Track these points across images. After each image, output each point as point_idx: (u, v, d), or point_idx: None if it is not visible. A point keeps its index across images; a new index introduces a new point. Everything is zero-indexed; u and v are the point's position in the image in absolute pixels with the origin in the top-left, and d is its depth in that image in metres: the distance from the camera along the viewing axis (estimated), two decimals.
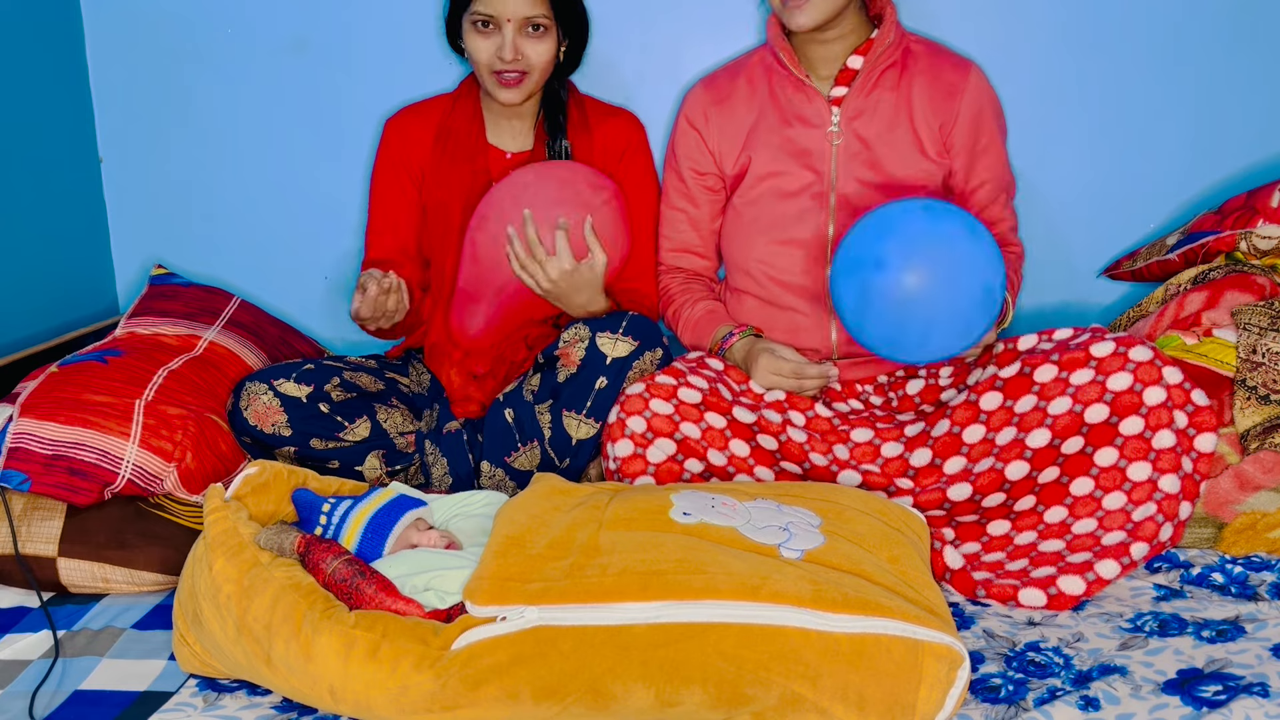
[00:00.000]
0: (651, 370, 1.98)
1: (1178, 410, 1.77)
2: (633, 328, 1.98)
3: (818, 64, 2.06)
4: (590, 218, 1.99)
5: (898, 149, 2.04)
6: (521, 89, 2.06)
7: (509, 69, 2.03)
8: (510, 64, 2.03)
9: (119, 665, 1.62)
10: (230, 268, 2.49)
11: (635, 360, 1.96)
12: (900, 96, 2.04)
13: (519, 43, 2.02)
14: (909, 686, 1.38)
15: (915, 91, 2.04)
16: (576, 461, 1.99)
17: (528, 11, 2.00)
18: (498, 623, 1.42)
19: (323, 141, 2.43)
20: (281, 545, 1.58)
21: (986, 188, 2.09)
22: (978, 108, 2.06)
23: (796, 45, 2.07)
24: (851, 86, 2.04)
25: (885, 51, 2.02)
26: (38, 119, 2.32)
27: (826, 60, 2.06)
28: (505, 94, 2.06)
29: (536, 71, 2.06)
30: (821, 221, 2.05)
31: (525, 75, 2.05)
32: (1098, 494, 1.77)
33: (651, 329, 2.00)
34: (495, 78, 2.05)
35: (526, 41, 2.03)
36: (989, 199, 2.10)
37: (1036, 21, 2.25)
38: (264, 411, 1.98)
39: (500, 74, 2.04)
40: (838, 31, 2.02)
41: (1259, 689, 1.45)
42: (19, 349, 2.20)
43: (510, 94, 2.06)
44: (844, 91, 2.05)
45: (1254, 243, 2.02)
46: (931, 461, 1.90)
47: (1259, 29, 2.22)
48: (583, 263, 1.99)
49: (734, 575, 1.44)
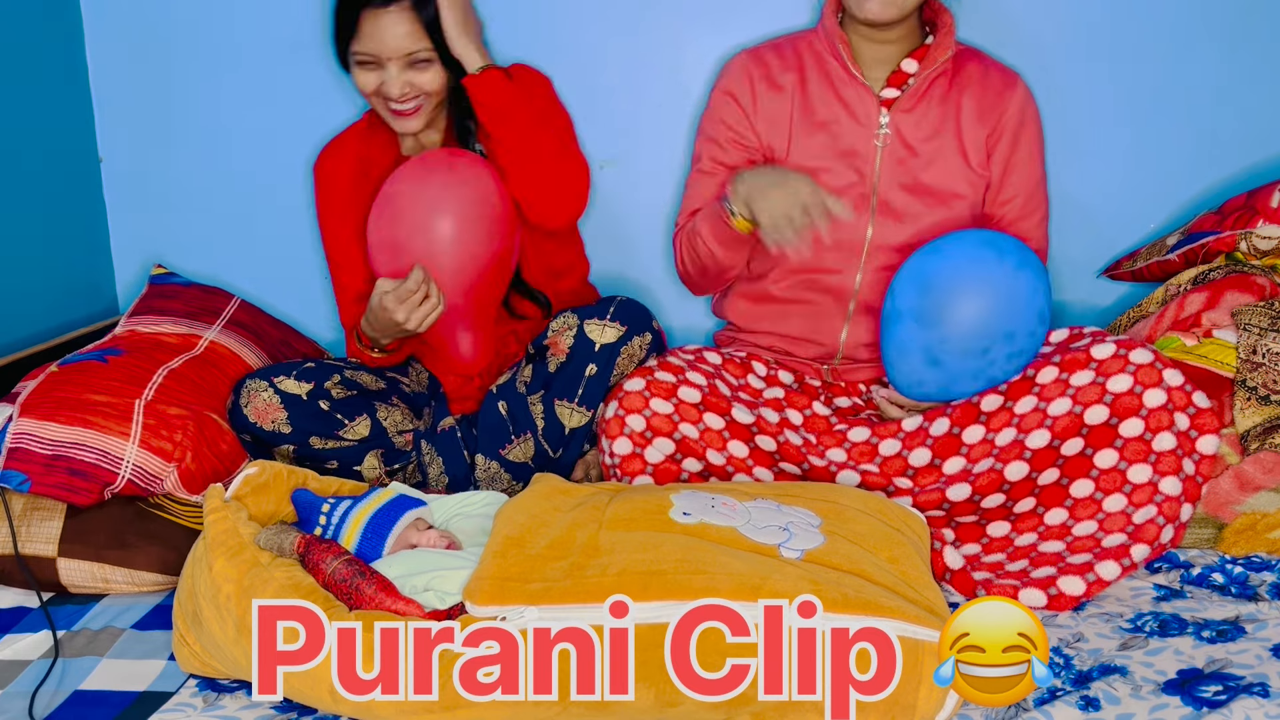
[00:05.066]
0: (641, 355, 1.97)
1: (1179, 412, 1.76)
2: (620, 313, 1.98)
3: (871, 64, 2.03)
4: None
5: (943, 157, 2.01)
6: (420, 117, 2.01)
7: (401, 103, 1.99)
8: (401, 99, 1.98)
9: (119, 665, 1.62)
10: (230, 268, 2.49)
11: (624, 345, 1.96)
12: (949, 105, 2.02)
13: (406, 76, 1.97)
14: (909, 686, 1.38)
15: (965, 101, 2.02)
16: (570, 451, 1.99)
17: (409, 47, 1.95)
18: (498, 623, 1.42)
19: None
20: (281, 545, 1.58)
21: (1018, 200, 2.05)
22: (1020, 120, 2.03)
23: (852, 41, 2.03)
24: (904, 90, 2.01)
25: (943, 59, 1.99)
26: (38, 119, 2.32)
27: (880, 61, 2.02)
28: (404, 124, 2.01)
29: (434, 97, 2.01)
30: (861, 223, 2.01)
31: (421, 105, 2.00)
32: (1098, 496, 1.77)
33: (640, 313, 2.00)
34: (388, 110, 2.01)
35: (412, 74, 1.97)
36: (1017, 214, 2.06)
37: (1036, 24, 2.25)
38: (264, 409, 1.98)
39: (390, 105, 1.99)
40: (898, 32, 1.99)
41: (1259, 689, 1.45)
42: (19, 349, 2.20)
43: (410, 123, 2.01)
44: (895, 94, 2.02)
45: (1254, 243, 2.02)
46: (931, 461, 1.90)
47: (1259, 29, 2.22)
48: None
49: (734, 575, 1.44)
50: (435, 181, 1.91)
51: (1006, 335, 1.82)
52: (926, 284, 1.85)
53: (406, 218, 1.90)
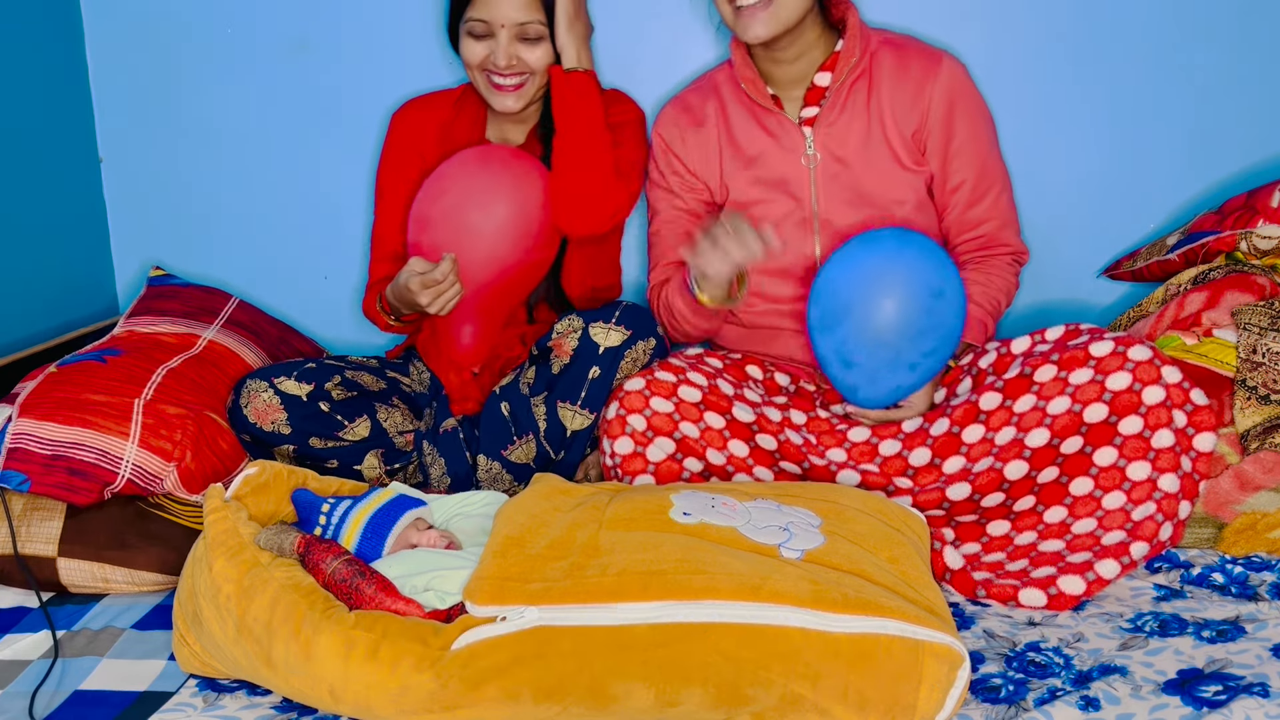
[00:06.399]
0: (644, 360, 1.97)
1: (1177, 409, 1.76)
2: (625, 317, 1.98)
3: (784, 84, 2.01)
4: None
5: (876, 165, 2.00)
6: (520, 95, 2.05)
7: (505, 75, 2.02)
8: (506, 70, 2.01)
9: (119, 665, 1.62)
10: (230, 268, 2.49)
11: (628, 350, 1.96)
12: (873, 107, 1.99)
13: (514, 49, 2.01)
14: (909, 686, 1.38)
15: (885, 100, 1.99)
16: (572, 454, 1.99)
17: (521, 17, 1.99)
18: (498, 623, 1.42)
19: (323, 141, 2.43)
20: (281, 545, 1.58)
21: (967, 186, 2.03)
22: (947, 104, 1.99)
23: (761, 66, 2.01)
24: (821, 106, 1.99)
25: (852, 65, 1.97)
26: (38, 119, 2.32)
27: (793, 79, 2.01)
28: (501, 100, 2.05)
29: (538, 77, 2.04)
30: (808, 247, 2.02)
31: (524, 82, 2.04)
32: (1097, 493, 1.77)
33: (645, 318, 2.00)
34: (488, 83, 2.04)
35: (521, 47, 2.01)
36: (972, 198, 2.04)
37: (1036, 19, 2.25)
38: (264, 409, 1.98)
39: (493, 77, 2.03)
40: (798, 49, 1.97)
41: (1259, 689, 1.44)
42: (19, 349, 2.20)
43: (507, 100, 2.05)
44: (815, 111, 2.00)
45: (1254, 243, 2.02)
46: (931, 461, 1.90)
47: (1259, 29, 2.22)
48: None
49: (734, 575, 1.44)
50: (487, 174, 1.96)
51: (901, 324, 1.83)
52: (817, 294, 1.89)
53: (448, 199, 1.95)
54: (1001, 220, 2.07)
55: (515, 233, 1.96)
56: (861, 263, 1.87)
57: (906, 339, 1.85)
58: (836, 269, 1.88)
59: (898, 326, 1.84)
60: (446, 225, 1.94)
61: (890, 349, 1.85)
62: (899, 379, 1.88)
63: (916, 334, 1.84)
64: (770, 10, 1.89)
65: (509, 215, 1.95)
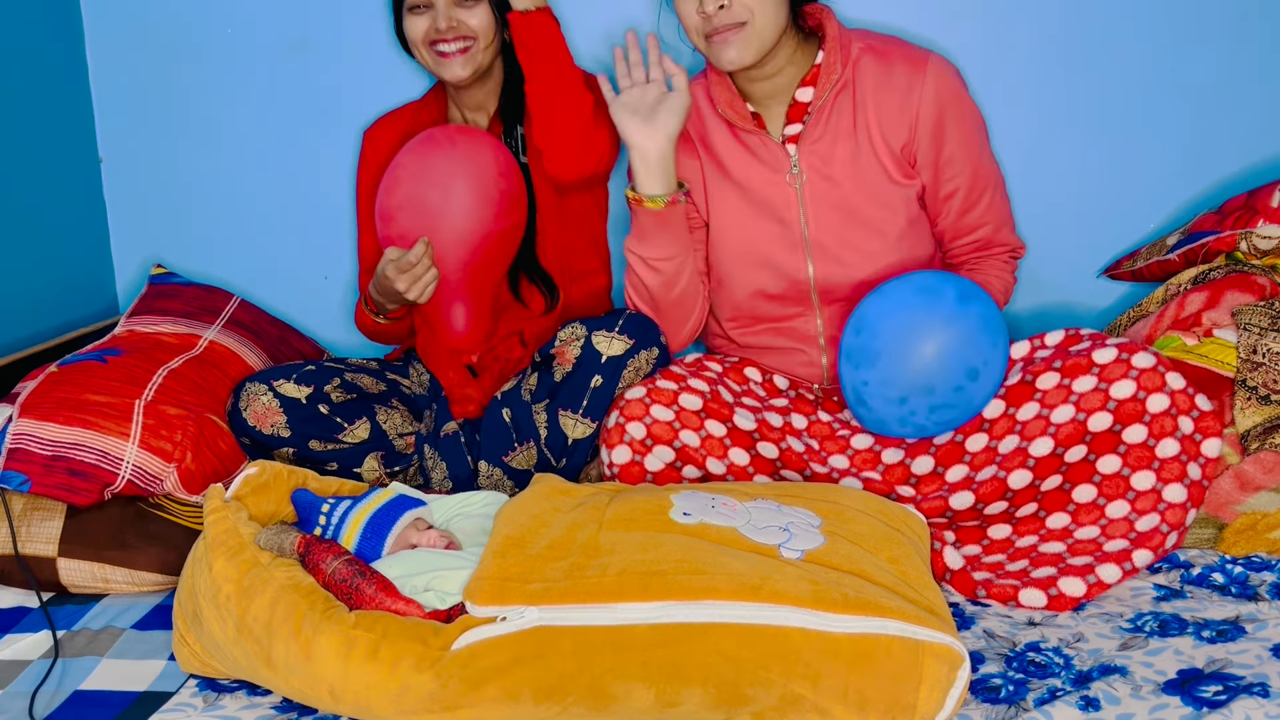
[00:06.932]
0: (647, 369, 1.96)
1: (1183, 416, 1.74)
2: (629, 326, 1.97)
3: (766, 101, 1.96)
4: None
5: (865, 181, 1.95)
6: (467, 60, 2.04)
7: (447, 40, 2.02)
8: (448, 34, 2.02)
9: (119, 665, 1.62)
10: (230, 268, 2.49)
11: (630, 359, 1.95)
12: (860, 120, 1.94)
13: (453, 12, 2.02)
14: (909, 686, 1.38)
15: (870, 112, 1.93)
16: (573, 461, 1.98)
17: None
18: (498, 623, 1.42)
19: (323, 141, 2.43)
20: (281, 545, 1.58)
21: (960, 193, 2.00)
22: (936, 112, 1.93)
23: (738, 84, 1.96)
24: (805, 123, 1.95)
25: (835, 79, 1.92)
26: (38, 119, 2.32)
27: (774, 95, 1.96)
28: (450, 68, 2.05)
29: (481, 39, 2.04)
30: (801, 269, 1.99)
31: (469, 46, 2.04)
32: (1100, 501, 1.74)
33: (649, 327, 1.99)
34: (435, 55, 2.04)
35: (460, 11, 2.02)
36: (966, 204, 2.01)
37: (1034, 19, 2.25)
38: (263, 412, 1.98)
39: (437, 47, 2.03)
40: (776, 64, 1.92)
41: (1259, 689, 1.44)
42: (19, 349, 2.20)
43: (454, 67, 2.05)
44: (798, 129, 1.96)
45: (1254, 243, 2.02)
46: (934, 469, 1.88)
47: (1259, 28, 2.22)
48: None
49: (734, 575, 1.44)
50: (438, 154, 1.96)
51: (925, 389, 1.81)
52: (858, 325, 1.86)
53: (404, 188, 1.96)
54: (997, 222, 2.06)
55: (477, 203, 1.95)
56: (911, 311, 1.82)
57: (925, 406, 1.83)
58: (885, 304, 1.84)
59: (920, 391, 1.82)
60: (409, 214, 1.95)
61: (905, 407, 1.84)
62: (904, 430, 1.88)
63: (938, 405, 1.83)
64: (743, 34, 1.84)
65: (467, 188, 1.94)
